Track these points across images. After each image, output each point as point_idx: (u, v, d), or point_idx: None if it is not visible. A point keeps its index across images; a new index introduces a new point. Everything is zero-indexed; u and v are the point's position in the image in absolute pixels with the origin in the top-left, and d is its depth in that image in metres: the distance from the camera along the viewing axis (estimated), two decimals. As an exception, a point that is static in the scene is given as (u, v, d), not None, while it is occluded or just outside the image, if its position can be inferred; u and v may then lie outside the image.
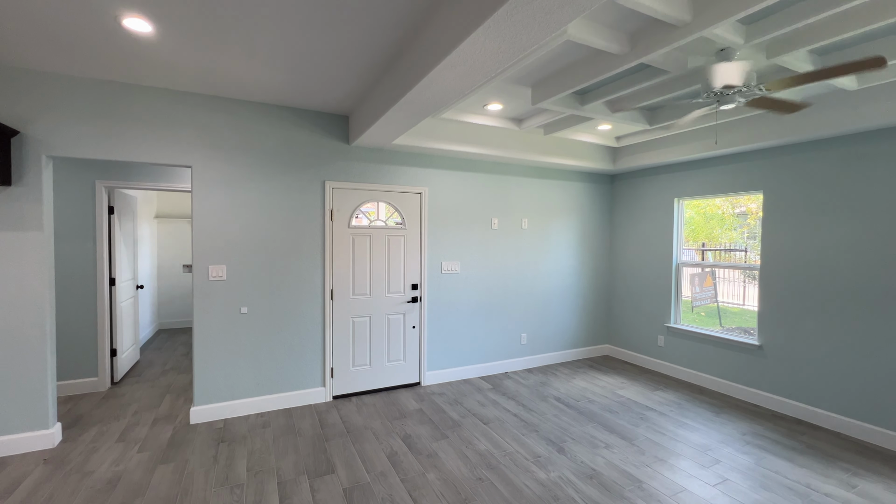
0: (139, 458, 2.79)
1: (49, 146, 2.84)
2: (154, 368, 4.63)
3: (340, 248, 3.79)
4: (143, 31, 2.25)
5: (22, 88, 2.77)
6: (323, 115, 3.66)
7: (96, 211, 3.88)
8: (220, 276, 3.33)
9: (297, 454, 2.86)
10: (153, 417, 3.40)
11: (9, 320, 2.77)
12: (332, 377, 3.80)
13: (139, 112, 3.06)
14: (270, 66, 2.71)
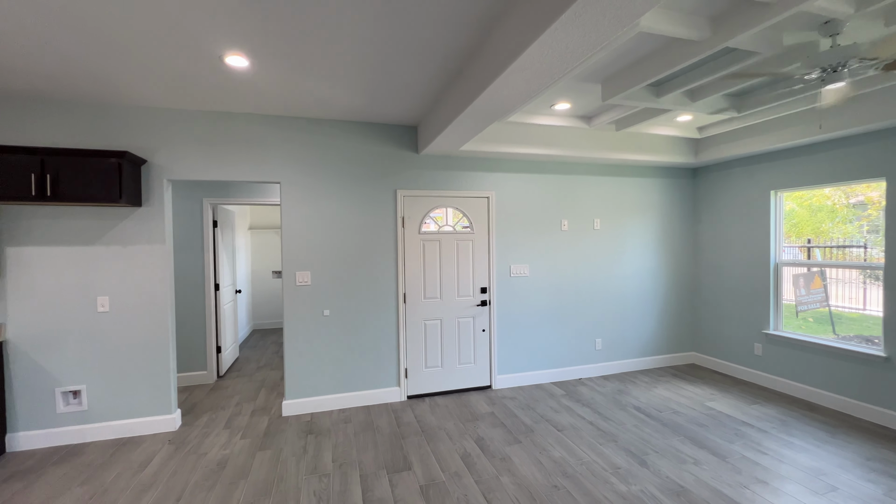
0: (242, 444, 3.13)
1: (168, 171, 3.32)
2: (251, 364, 5.16)
3: (412, 254, 3.94)
4: (241, 66, 2.55)
5: (147, 124, 3.27)
6: (393, 127, 3.85)
7: (203, 225, 4.45)
8: (305, 281, 3.64)
9: (376, 450, 3.03)
10: (252, 408, 3.79)
11: (142, 321, 3.27)
12: (406, 378, 3.95)
13: (236, 137, 3.46)
14: (348, 87, 2.92)
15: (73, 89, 2.89)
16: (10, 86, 2.81)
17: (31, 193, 2.78)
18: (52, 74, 2.64)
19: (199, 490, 2.55)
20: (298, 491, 2.54)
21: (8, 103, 3.00)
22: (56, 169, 2.83)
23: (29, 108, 3.04)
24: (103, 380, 3.20)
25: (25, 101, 3.03)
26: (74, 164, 2.87)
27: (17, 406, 3.05)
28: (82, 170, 2.88)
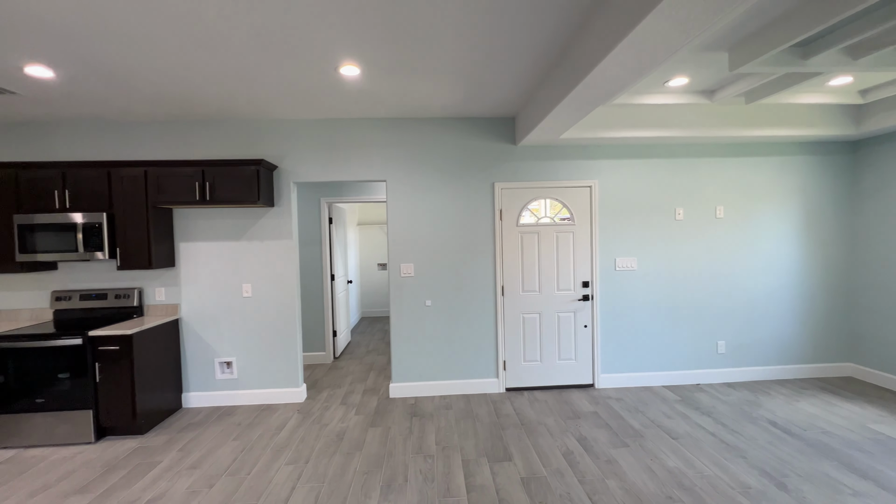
0: (356, 419, 3.46)
1: (295, 175, 3.77)
2: (361, 349, 5.65)
3: (509, 246, 3.92)
4: (353, 74, 2.78)
5: (277, 135, 3.75)
6: (490, 120, 3.86)
7: (321, 222, 4.97)
8: (409, 273, 3.86)
9: (476, 437, 3.10)
10: (363, 388, 4.16)
11: (276, 305, 3.79)
12: (505, 370, 3.96)
13: (348, 141, 3.78)
14: (448, 84, 3.00)
15: (223, 111, 3.44)
16: (183, 114, 3.46)
17: (196, 198, 3.39)
18: (211, 101, 3.18)
19: (322, 456, 2.89)
20: (406, 468, 2.72)
21: (179, 127, 3.68)
22: (213, 177, 3.41)
23: (192, 129, 3.70)
24: (248, 354, 3.79)
25: (190, 123, 3.69)
26: (224, 173, 3.42)
27: (189, 371, 3.78)
28: (230, 177, 3.42)
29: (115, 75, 2.69)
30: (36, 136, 3.62)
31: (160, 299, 3.72)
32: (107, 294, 3.59)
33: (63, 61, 2.47)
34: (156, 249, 3.45)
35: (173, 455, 2.94)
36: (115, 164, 3.36)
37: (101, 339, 3.12)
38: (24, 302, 3.66)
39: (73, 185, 3.33)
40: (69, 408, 3.09)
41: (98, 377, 3.12)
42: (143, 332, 3.27)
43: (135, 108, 3.33)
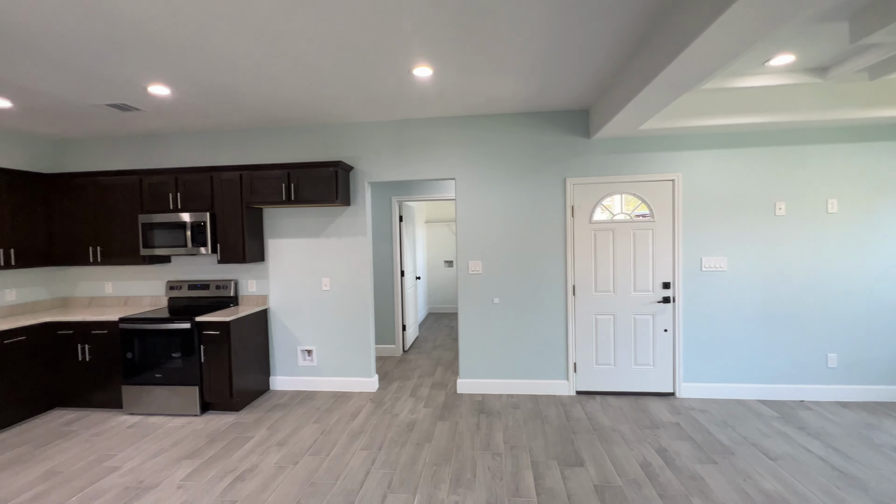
0: (425, 412, 3.55)
1: (369, 175, 3.95)
2: (428, 343, 5.78)
3: (582, 244, 3.77)
4: (426, 75, 2.84)
5: (353, 137, 3.95)
6: (562, 113, 3.73)
7: (392, 220, 5.16)
8: (477, 270, 3.87)
9: (545, 439, 3.03)
10: (431, 382, 4.25)
11: (351, 299, 4.01)
12: (575, 372, 3.83)
13: (418, 140, 3.88)
14: (520, 79, 2.96)
15: (306, 118, 3.70)
16: (270, 122, 3.78)
17: (283, 198, 3.69)
18: (296, 109, 3.44)
19: (394, 445, 3.01)
20: (474, 463, 2.74)
21: (267, 134, 4.03)
22: (297, 178, 3.68)
23: (278, 135, 4.03)
24: (327, 343, 4.06)
25: (277, 130, 4.02)
26: (307, 174, 3.68)
27: (276, 357, 4.13)
28: (311, 178, 3.68)
29: (219, 91, 3.01)
30: (153, 146, 4.17)
31: (252, 290, 4.11)
32: (209, 284, 4.05)
33: (179, 81, 2.81)
34: (249, 245, 3.81)
35: (263, 432, 3.23)
36: (216, 169, 3.77)
37: (206, 325, 3.52)
38: (146, 290, 4.24)
39: (184, 189, 3.80)
40: (180, 383, 3.54)
41: (203, 358, 3.53)
42: (239, 319, 3.64)
43: (232, 119, 3.71)
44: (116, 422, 3.47)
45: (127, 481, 2.62)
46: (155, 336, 3.54)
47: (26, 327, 3.51)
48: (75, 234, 3.95)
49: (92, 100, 3.14)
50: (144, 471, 2.73)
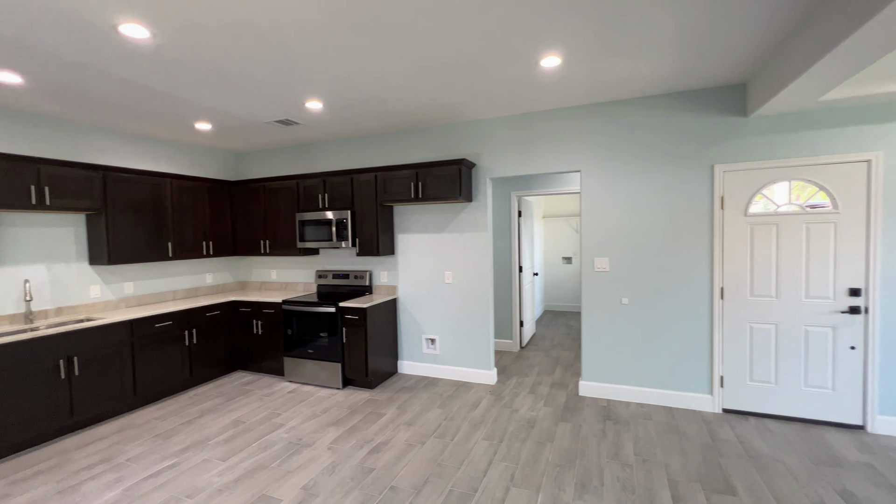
0: (545, 410, 3.48)
1: (490, 171, 4.00)
2: (545, 342, 5.65)
3: (734, 240, 3.26)
4: (553, 65, 2.75)
5: (475, 135, 4.03)
6: (710, 91, 3.26)
7: (511, 215, 5.15)
8: (603, 267, 3.63)
9: (684, 457, 2.72)
10: (550, 381, 4.15)
11: (472, 292, 4.12)
12: (722, 387, 3.34)
13: (540, 133, 3.78)
14: (658, 58, 2.67)
15: (432, 119, 3.90)
16: (400, 125, 4.08)
17: (411, 196, 3.96)
18: (425, 111, 3.65)
19: (514, 439, 3.01)
20: (601, 471, 2.59)
21: (397, 137, 4.36)
22: (424, 177, 3.91)
23: (407, 137, 4.32)
24: (448, 334, 4.25)
25: (405, 132, 4.32)
26: (432, 173, 3.88)
27: (403, 343, 4.47)
28: (436, 176, 3.86)
29: (361, 102, 3.35)
30: (306, 154, 4.85)
31: (383, 281, 4.51)
32: (349, 274, 4.56)
33: (329, 95, 3.21)
34: (382, 240, 4.19)
35: (393, 411, 3.54)
36: (355, 172, 4.21)
37: (347, 310, 3.98)
38: (300, 277, 4.97)
39: (330, 190, 4.34)
40: (326, 359, 4.07)
41: (344, 339, 4.01)
42: (374, 306, 4.03)
43: (368, 125, 4.10)
44: (280, 386, 4.16)
45: (290, 437, 3.12)
46: (307, 317, 4.14)
47: (220, 304, 4.41)
48: (251, 230, 4.82)
49: (265, 118, 3.78)
50: (302, 430, 3.21)
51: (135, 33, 2.19)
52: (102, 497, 2.44)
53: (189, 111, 3.51)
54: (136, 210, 3.90)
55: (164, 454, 2.91)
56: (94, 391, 3.34)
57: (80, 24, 2.09)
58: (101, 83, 2.85)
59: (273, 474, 2.64)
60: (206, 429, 3.28)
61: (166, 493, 2.47)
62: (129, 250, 3.85)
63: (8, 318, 3.33)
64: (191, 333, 4.10)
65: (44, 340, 3.06)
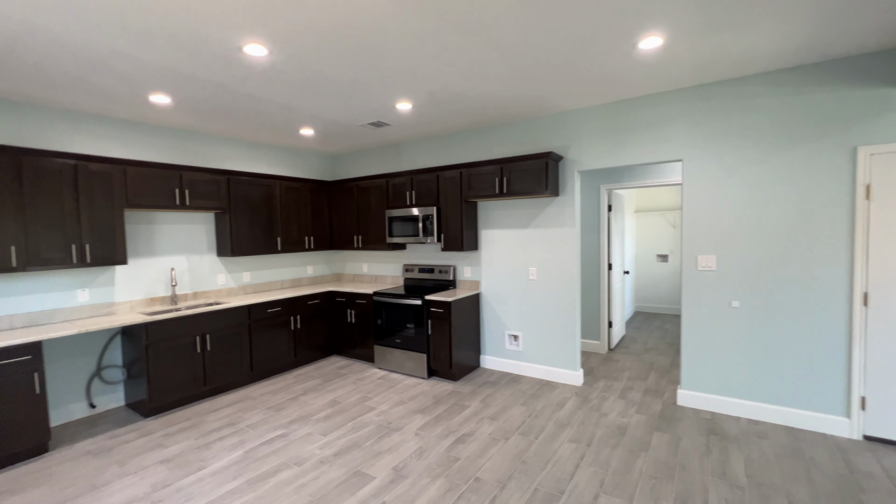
0: (638, 418, 3.26)
1: (578, 164, 3.84)
2: (637, 345, 5.28)
3: (884, 237, 2.73)
4: (654, 46, 2.54)
5: (562, 127, 3.89)
6: (852, 60, 2.76)
7: (600, 209, 4.88)
8: (708, 266, 3.29)
9: (812, 487, 2.36)
10: (644, 387, 3.87)
11: (557, 290, 4.01)
12: (864, 410, 2.83)
13: (635, 121, 3.52)
14: (782, 29, 2.33)
15: (518, 114, 3.85)
16: (484, 121, 4.09)
17: (495, 191, 3.95)
18: (510, 105, 3.62)
19: (603, 445, 2.87)
20: (705, 489, 2.36)
21: (480, 133, 4.37)
22: (509, 172, 3.88)
23: (491, 133, 4.31)
24: (532, 331, 4.18)
25: (489, 128, 4.31)
26: (517, 167, 3.83)
27: (486, 338, 4.50)
28: (522, 170, 3.81)
29: (447, 99, 3.42)
30: (395, 154, 5.09)
31: (467, 276, 4.58)
32: (434, 269, 4.71)
33: (420, 95, 3.33)
34: (466, 235, 4.25)
35: (477, 404, 3.58)
36: (441, 169, 4.32)
37: (432, 303, 4.12)
38: (388, 270, 5.25)
39: (417, 187, 4.50)
40: (413, 349, 4.26)
41: (429, 330, 4.15)
42: (458, 300, 4.11)
43: (453, 123, 4.17)
44: (370, 372, 4.44)
45: (381, 420, 3.32)
46: (396, 308, 4.36)
47: (319, 293, 4.84)
48: (345, 226, 5.20)
49: (359, 122, 4.05)
50: (391, 415, 3.41)
51: (255, 52, 2.48)
52: (230, 456, 2.84)
53: (297, 118, 3.89)
54: (252, 209, 4.44)
55: (276, 424, 3.29)
56: (221, 365, 3.88)
57: (214, 48, 2.43)
58: (229, 98, 3.28)
59: (366, 453, 2.84)
60: (308, 406, 3.63)
61: (278, 458, 2.79)
62: (247, 244, 4.40)
63: (160, 300, 4.01)
64: (295, 319, 4.56)
65: (186, 319, 3.63)
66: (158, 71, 2.72)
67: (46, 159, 3.10)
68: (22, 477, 2.66)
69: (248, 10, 2.04)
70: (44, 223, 3.09)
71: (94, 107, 3.39)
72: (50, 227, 3.12)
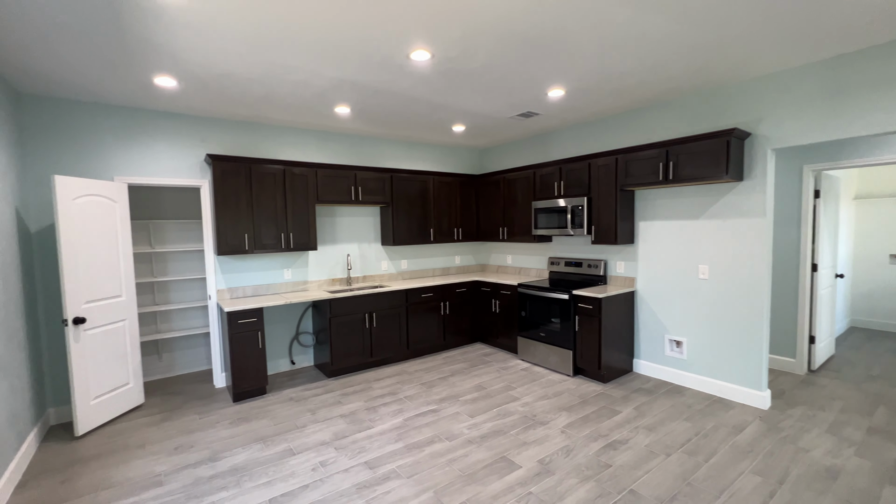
0: (858, 462, 2.54)
1: (772, 140, 3.14)
2: (855, 370, 4.10)
3: None
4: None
5: (751, 96, 3.22)
6: None
7: (802, 196, 3.92)
8: None
9: None
10: (867, 425, 3.00)
11: (737, 292, 3.38)
12: None
13: (863, 79, 2.69)
14: None
15: (688, 87, 3.33)
16: (643, 102, 3.66)
17: (659, 178, 3.52)
18: (678, 78, 3.16)
19: (802, 488, 2.33)
20: (979, 579, 1.71)
21: (640, 115, 3.93)
22: (676, 156, 3.41)
23: (652, 113, 3.84)
24: (700, 338, 3.63)
25: (650, 108, 3.84)
26: (688, 150, 3.33)
27: (641, 340, 4.09)
28: (693, 153, 3.30)
29: (605, 79, 3.17)
30: (541, 144, 4.96)
31: (620, 272, 4.21)
32: (581, 263, 4.47)
33: (574, 80, 3.17)
34: (620, 227, 3.90)
35: (630, 411, 3.29)
36: (593, 156, 4.04)
37: (581, 298, 3.92)
38: (532, 263, 5.19)
39: (566, 177, 4.32)
40: (557, 345, 4.13)
41: (577, 327, 3.97)
42: (609, 297, 3.82)
43: (605, 105, 3.84)
44: (513, 363, 4.48)
45: (525, 411, 3.33)
46: (541, 302, 4.28)
47: (466, 282, 5.08)
48: (491, 219, 5.31)
49: (508, 114, 4.07)
50: (536, 408, 3.38)
51: (421, 58, 2.70)
52: (392, 421, 3.22)
53: (450, 116, 4.12)
54: (409, 202, 4.89)
55: (428, 400, 3.59)
56: (383, 340, 4.41)
57: (387, 60, 2.72)
58: (395, 103, 3.66)
59: (511, 441, 2.88)
60: (456, 387, 3.86)
61: (431, 431, 3.05)
62: (405, 234, 4.87)
63: (339, 281, 4.76)
64: (445, 305, 4.88)
65: (359, 298, 4.23)
66: (344, 85, 3.19)
67: (265, 166, 3.96)
68: (251, 409, 3.48)
69: (418, 20, 2.23)
70: (264, 216, 3.96)
71: (295, 121, 4.17)
72: (267, 219, 3.98)
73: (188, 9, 2.07)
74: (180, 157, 3.81)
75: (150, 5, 2.03)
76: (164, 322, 4.33)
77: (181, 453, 2.82)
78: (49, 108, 3.28)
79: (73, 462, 2.74)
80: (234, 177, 3.81)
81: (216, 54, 2.59)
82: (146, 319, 4.24)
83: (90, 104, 3.42)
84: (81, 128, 3.40)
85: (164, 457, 2.78)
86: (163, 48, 2.49)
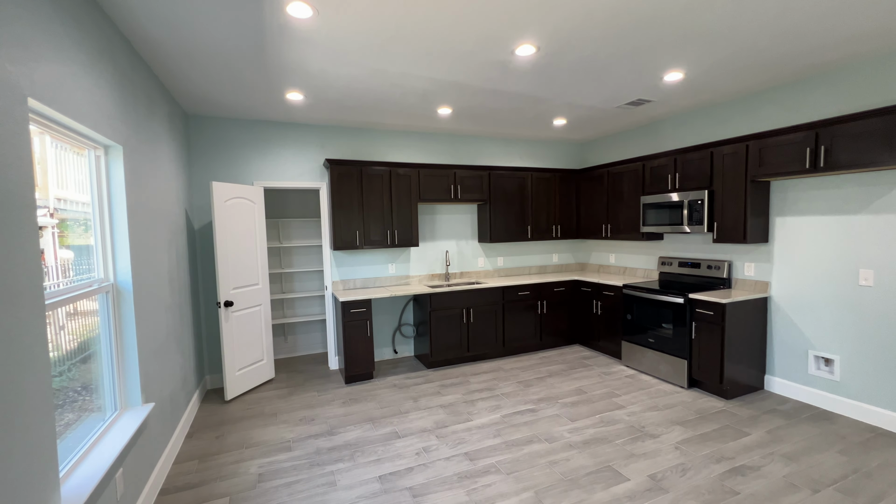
0: None
1: (978, 113, 2.47)
2: None
3: None
4: None
5: (948, 58, 2.57)
6: None
7: None
8: None
9: None
10: None
11: (914, 303, 2.75)
12: None
13: None
14: None
15: (851, 54, 2.77)
16: (787, 78, 3.14)
17: (805, 166, 3.01)
18: (840, 47, 2.65)
19: None
20: None
21: (782, 93, 3.37)
22: (829, 139, 2.88)
23: (796, 92, 3.27)
24: (859, 357, 3.02)
25: (794, 85, 3.28)
26: (844, 131, 2.78)
27: (775, 354, 3.54)
28: (854, 135, 2.75)
29: (734, 54, 2.79)
30: (652, 134, 4.56)
31: (748, 274, 3.70)
32: (700, 263, 4.01)
33: (695, 61, 2.85)
34: (750, 223, 3.42)
35: (761, 434, 2.87)
36: (716, 144, 3.59)
37: (699, 303, 3.53)
38: (639, 263, 4.81)
39: (681, 169, 3.91)
40: (669, 352, 3.78)
41: (693, 334, 3.58)
42: (735, 303, 3.38)
43: (732, 85, 3.37)
44: (617, 368, 4.21)
45: (631, 421, 3.11)
46: (650, 305, 3.95)
47: (564, 281, 4.90)
48: (593, 215, 5.04)
49: (615, 103, 3.81)
50: (643, 419, 3.14)
51: (525, 52, 2.66)
52: (489, 416, 3.25)
53: (551, 109, 4.00)
54: (507, 200, 4.87)
55: (526, 398, 3.55)
56: (480, 336, 4.48)
57: (492, 57, 2.74)
58: (497, 101, 3.67)
59: (617, 451, 2.71)
60: (554, 388, 3.76)
61: (529, 430, 3.01)
62: (502, 231, 4.87)
63: (437, 276, 4.94)
64: (542, 304, 4.77)
65: (457, 294, 4.35)
66: (447, 86, 3.29)
67: (373, 168, 4.26)
68: (361, 392, 3.80)
69: (526, 12, 2.20)
70: (372, 215, 4.27)
71: (399, 124, 4.41)
72: (375, 217, 4.28)
73: (314, 29, 2.32)
74: (303, 162, 4.29)
75: (288, 24, 2.32)
76: (289, 308, 4.93)
77: (305, 424, 3.20)
78: (207, 125, 3.94)
79: (224, 422, 3.28)
80: (347, 178, 4.17)
81: (340, 68, 2.86)
82: (275, 305, 4.88)
83: (235, 120, 4.02)
84: (230, 140, 4.02)
85: (292, 426, 3.18)
86: (295, 66, 2.82)
